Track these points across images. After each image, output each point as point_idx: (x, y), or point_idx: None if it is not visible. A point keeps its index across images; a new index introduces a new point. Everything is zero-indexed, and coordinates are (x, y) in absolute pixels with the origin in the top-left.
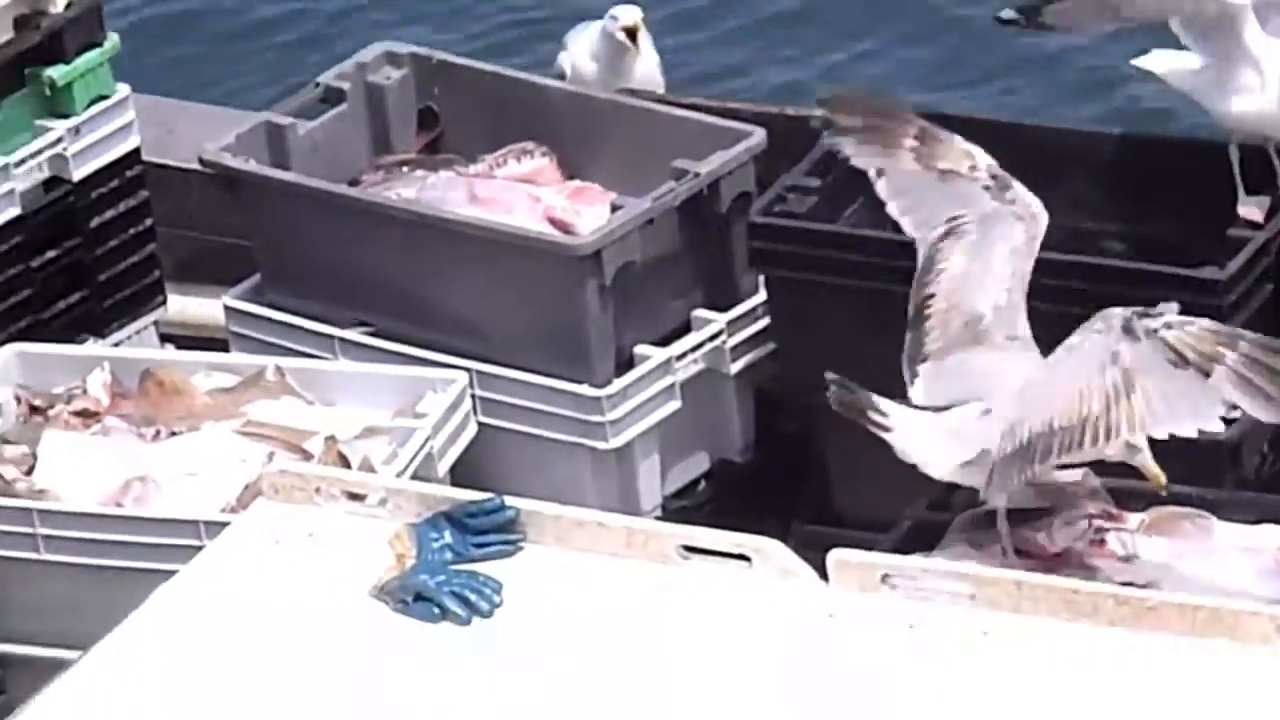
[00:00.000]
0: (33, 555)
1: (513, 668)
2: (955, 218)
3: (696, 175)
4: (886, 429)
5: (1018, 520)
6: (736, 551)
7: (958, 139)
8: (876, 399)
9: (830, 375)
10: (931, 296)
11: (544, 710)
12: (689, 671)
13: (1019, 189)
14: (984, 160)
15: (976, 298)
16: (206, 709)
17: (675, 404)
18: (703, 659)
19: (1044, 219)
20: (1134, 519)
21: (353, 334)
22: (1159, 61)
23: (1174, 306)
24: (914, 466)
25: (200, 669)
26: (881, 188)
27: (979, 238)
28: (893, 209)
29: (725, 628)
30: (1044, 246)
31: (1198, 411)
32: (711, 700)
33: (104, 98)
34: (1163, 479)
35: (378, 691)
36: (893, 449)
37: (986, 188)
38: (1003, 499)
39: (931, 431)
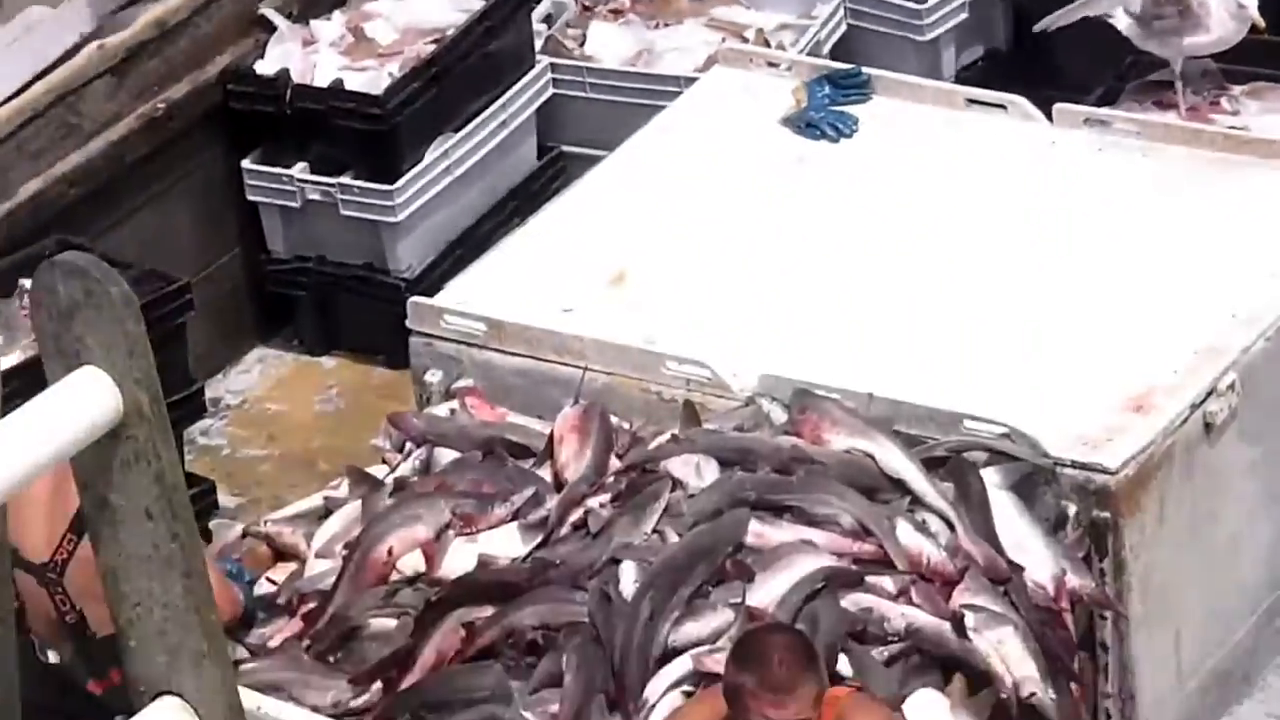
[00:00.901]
0: (581, 95)
1: (864, 172)
2: None
3: None
4: None
5: (1159, 91)
6: (997, 102)
7: None
8: None
9: None
10: None
11: (883, 201)
12: (966, 171)
13: None
14: None
15: None
16: (676, 192)
17: (965, 15)
18: (975, 166)
19: None
20: (1238, 89)
21: None
22: None
23: None
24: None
25: (679, 166)
26: None
27: None
28: None
29: (991, 149)
30: None
31: None
32: (975, 187)
33: None
34: (1263, 24)
35: (775, 188)
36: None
37: None
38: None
39: None
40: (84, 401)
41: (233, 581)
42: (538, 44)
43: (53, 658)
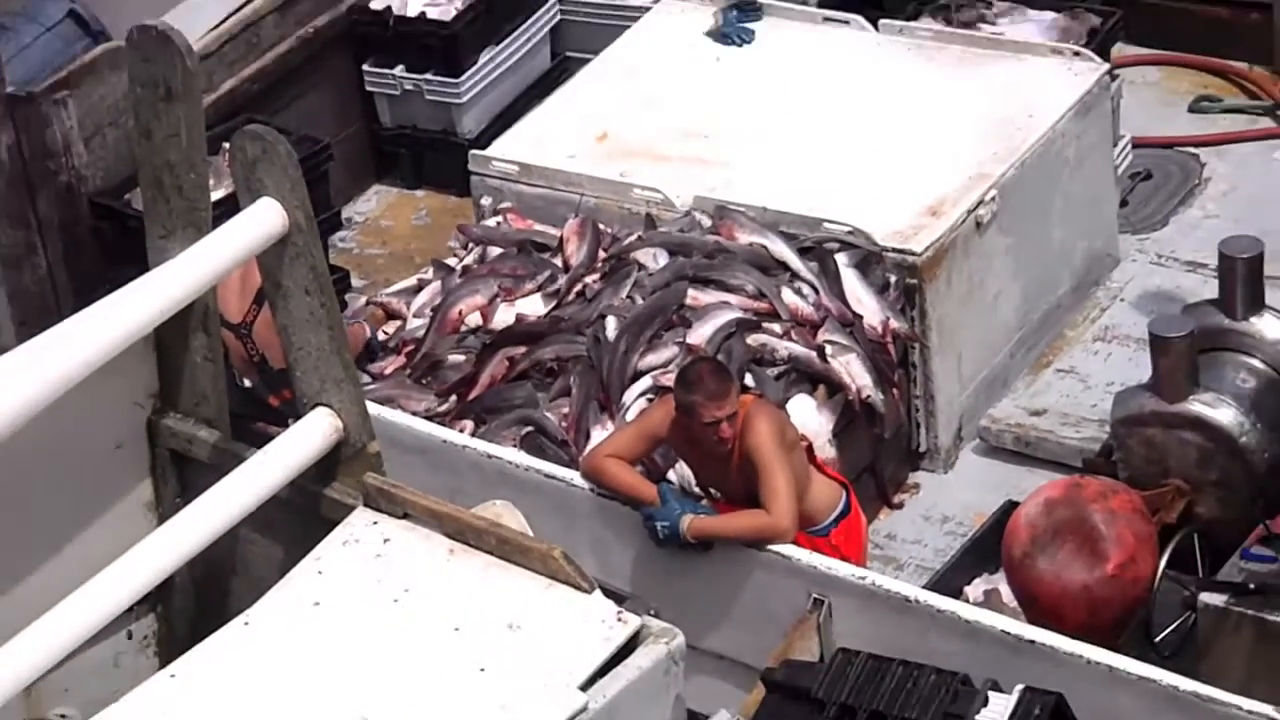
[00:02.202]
0: (578, 19)
1: (760, 65)
2: None
3: None
4: None
5: (945, 10)
6: (843, 19)
7: None
8: None
9: None
10: None
11: (771, 84)
12: (823, 63)
13: None
14: None
15: None
16: (640, 81)
17: None
18: (829, 60)
19: None
20: (996, 6)
21: None
22: None
23: None
24: None
25: (642, 64)
26: None
27: None
28: None
29: (839, 49)
30: None
31: None
32: (829, 72)
33: None
34: None
35: (703, 76)
36: None
37: None
38: None
39: None
40: (264, 219)
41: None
42: None
43: (246, 383)
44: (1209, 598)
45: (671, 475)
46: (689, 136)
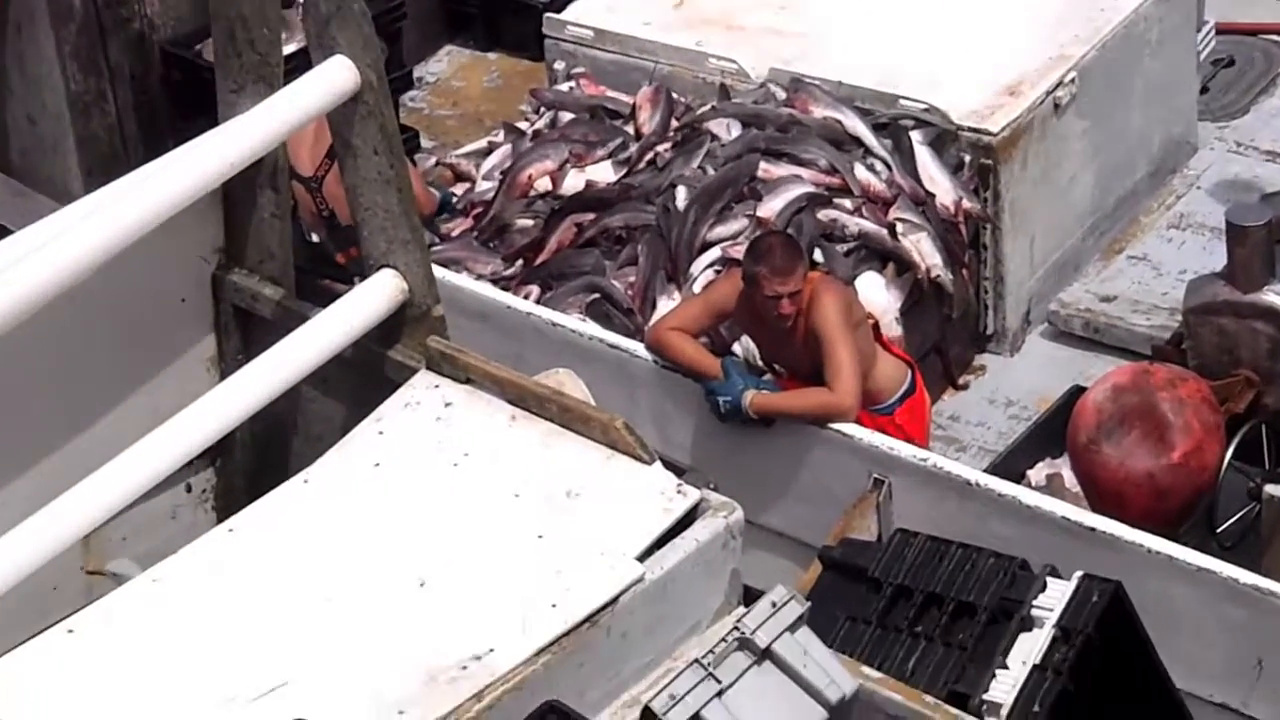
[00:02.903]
0: None
1: None
2: None
3: None
4: None
5: None
6: None
7: None
8: None
9: None
10: None
11: None
12: None
13: None
14: None
15: None
16: None
17: None
18: None
19: None
20: None
21: None
22: None
23: None
24: None
25: None
26: None
27: None
28: None
29: None
30: None
31: None
32: None
33: None
34: None
35: None
36: None
37: None
38: None
39: None
40: (335, 77)
41: (433, 190)
42: None
43: (314, 238)
44: (1274, 489)
45: (737, 349)
46: (766, 6)
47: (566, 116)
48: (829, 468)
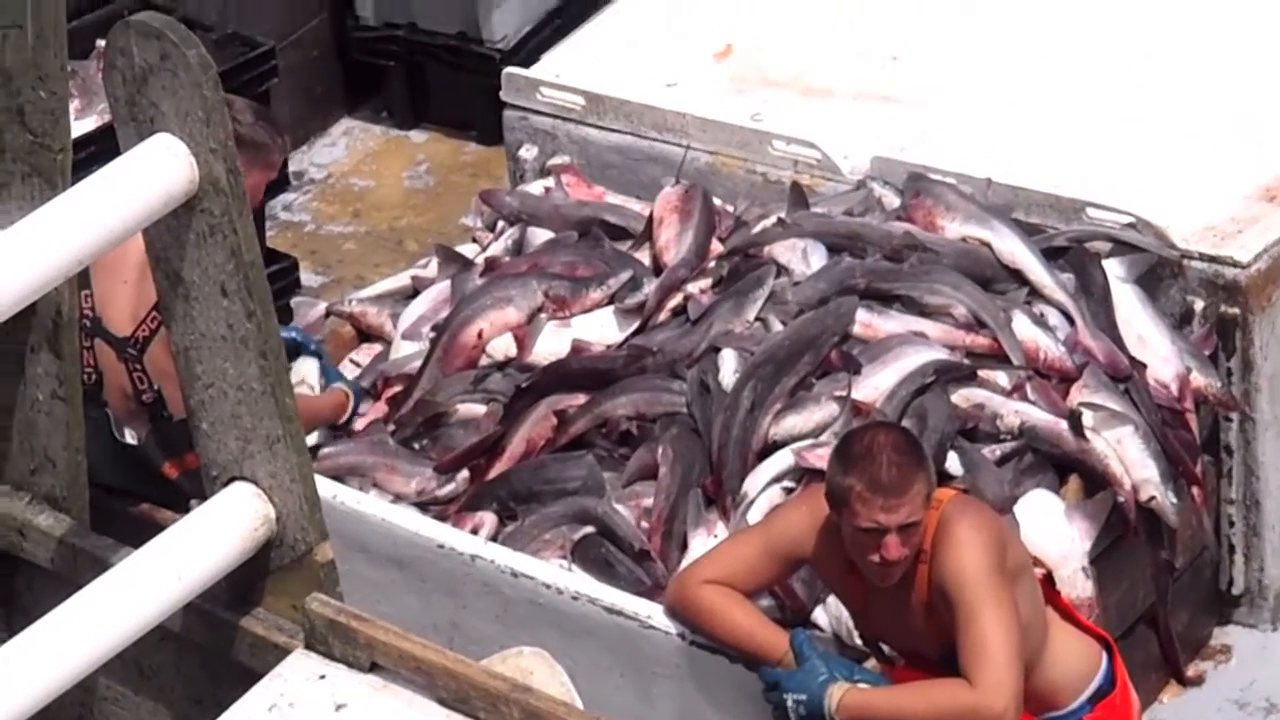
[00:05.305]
0: None
1: None
2: None
3: None
4: None
5: None
6: None
7: None
8: None
9: None
10: None
11: None
12: None
13: None
14: None
15: None
16: None
17: None
18: None
19: None
20: None
21: None
22: None
23: None
24: None
25: None
26: None
27: None
28: None
29: None
30: None
31: None
32: None
33: None
34: None
35: None
36: None
37: None
38: None
39: None
40: (157, 171)
41: (338, 382)
42: None
43: (129, 438)
44: None
45: (820, 616)
46: (866, 57)
47: (540, 235)
48: None
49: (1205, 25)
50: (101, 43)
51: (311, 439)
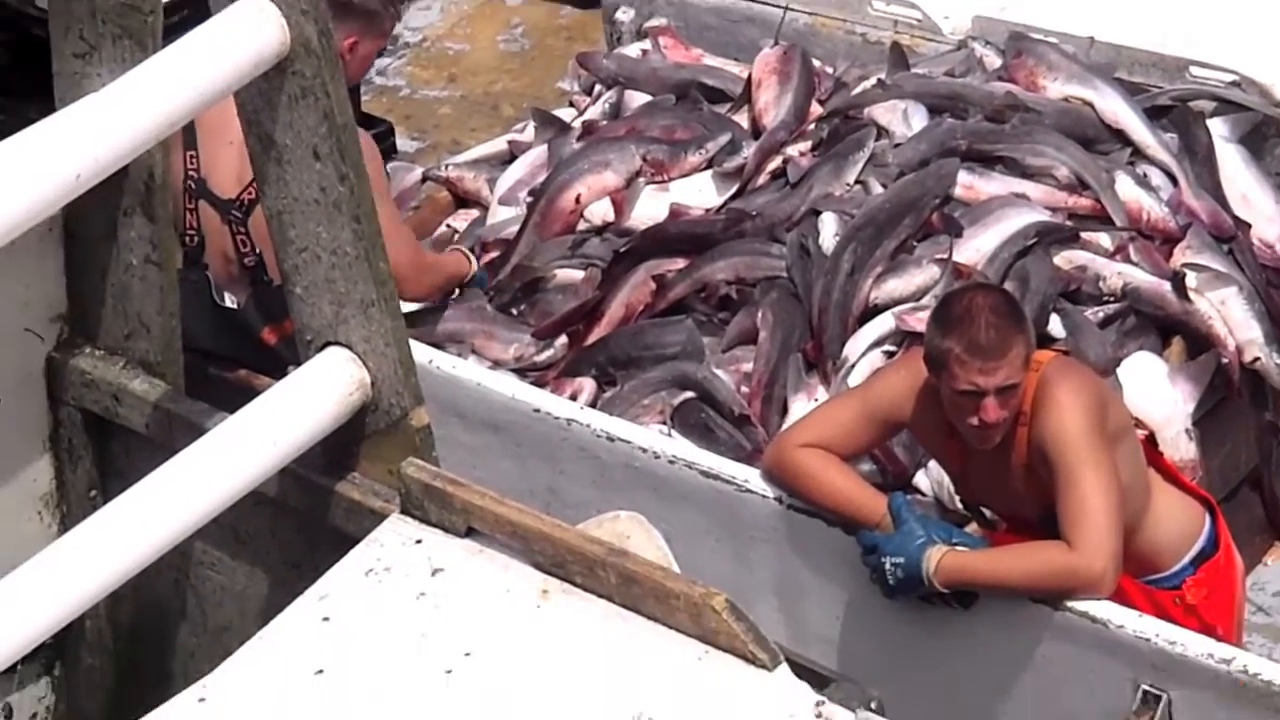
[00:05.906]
0: None
1: None
2: None
3: None
4: None
5: None
6: None
7: None
8: None
9: None
10: None
11: None
12: None
13: None
14: None
15: None
16: None
17: None
18: None
19: None
20: None
21: None
22: None
23: None
24: None
25: None
26: None
27: None
28: None
29: None
30: None
31: None
32: None
33: None
34: None
35: None
36: None
37: None
38: None
39: None
40: (248, 33)
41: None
42: None
43: (229, 302)
44: None
45: (921, 480)
46: None
47: (638, 100)
48: (1068, 673)
49: None
50: None
51: (409, 307)
